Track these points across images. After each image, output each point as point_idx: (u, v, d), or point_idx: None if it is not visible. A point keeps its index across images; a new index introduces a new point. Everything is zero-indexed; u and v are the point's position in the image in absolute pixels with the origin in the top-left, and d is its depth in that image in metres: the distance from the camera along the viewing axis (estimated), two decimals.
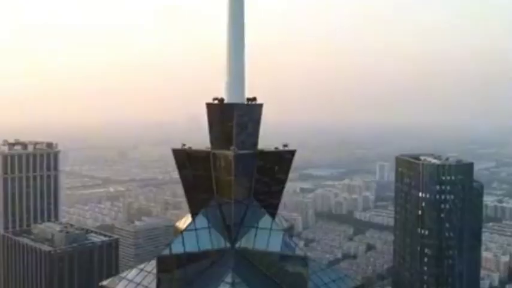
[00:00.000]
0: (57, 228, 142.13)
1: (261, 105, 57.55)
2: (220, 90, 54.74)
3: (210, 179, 55.29)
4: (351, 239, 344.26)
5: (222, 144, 55.18)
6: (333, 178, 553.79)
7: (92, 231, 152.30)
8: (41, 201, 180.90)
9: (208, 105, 56.04)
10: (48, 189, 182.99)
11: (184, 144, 59.55)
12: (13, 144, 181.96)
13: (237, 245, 54.07)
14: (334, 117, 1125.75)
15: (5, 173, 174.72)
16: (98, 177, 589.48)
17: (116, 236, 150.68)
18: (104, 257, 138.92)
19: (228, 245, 54.05)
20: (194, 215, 56.05)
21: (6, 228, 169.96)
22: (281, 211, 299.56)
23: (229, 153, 53.47)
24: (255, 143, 56.98)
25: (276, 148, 58.85)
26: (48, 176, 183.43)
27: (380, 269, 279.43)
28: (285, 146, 59.56)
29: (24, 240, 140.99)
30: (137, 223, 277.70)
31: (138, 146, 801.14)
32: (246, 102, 56.50)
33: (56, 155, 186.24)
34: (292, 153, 58.52)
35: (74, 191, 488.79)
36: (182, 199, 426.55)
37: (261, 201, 56.01)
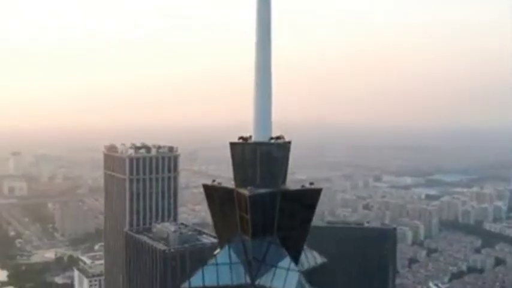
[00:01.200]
0: (172, 228, 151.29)
1: (286, 143, 57.31)
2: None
3: (234, 215, 56.24)
4: (478, 252, 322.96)
5: (245, 182, 55.85)
6: (462, 185, 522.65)
7: (204, 233, 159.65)
8: (162, 201, 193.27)
9: (232, 144, 57.06)
10: (168, 190, 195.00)
11: (214, 180, 61.60)
12: (139, 148, 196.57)
13: (256, 282, 54.45)
14: (461, 120, 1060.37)
15: (131, 174, 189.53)
16: (224, 176, 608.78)
17: None
18: None
19: (249, 281, 54.55)
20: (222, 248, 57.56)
21: (131, 226, 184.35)
22: (403, 218, 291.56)
23: (246, 192, 53.92)
24: (279, 182, 56.58)
25: (303, 186, 58.10)
26: (169, 178, 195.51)
27: (509, 286, 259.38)
28: (311, 184, 58.65)
29: (144, 238, 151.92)
30: None
31: None
32: (270, 141, 56.55)
33: (176, 158, 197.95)
34: (317, 192, 57.16)
35: (200, 189, 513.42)
36: None
37: (285, 239, 55.48)
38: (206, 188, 60.42)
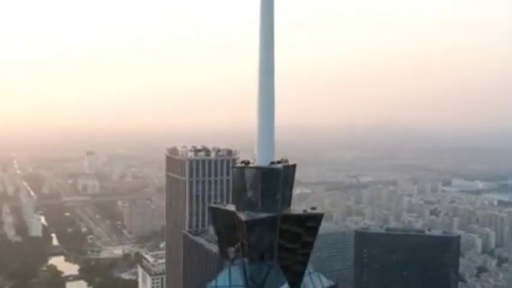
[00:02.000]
0: None
1: (288, 167, 56.20)
2: None
3: (237, 238, 55.96)
4: None
5: (245, 206, 55.45)
6: None
7: None
8: (221, 203, 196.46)
9: (233, 168, 57.26)
10: (227, 192, 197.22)
11: (220, 202, 61.86)
12: (199, 151, 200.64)
13: None
14: None
15: (191, 176, 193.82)
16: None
17: None
18: None
19: None
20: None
21: (190, 227, 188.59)
22: (472, 225, 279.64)
23: (243, 217, 53.48)
24: (280, 206, 55.51)
25: (305, 211, 56.85)
26: (228, 181, 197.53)
27: None
28: (313, 208, 57.47)
29: (200, 240, 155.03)
30: None
31: (332, 149, 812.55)
32: (271, 165, 55.75)
33: (234, 161, 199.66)
34: (319, 217, 55.89)
35: None
36: (364, 206, 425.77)
37: (285, 265, 54.44)
38: (211, 209, 61.45)
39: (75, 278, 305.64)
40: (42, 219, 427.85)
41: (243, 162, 57.40)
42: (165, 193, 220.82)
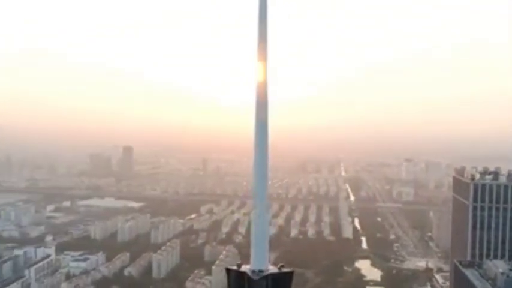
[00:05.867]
0: (501, 268, 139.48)
1: (279, 275, 49.38)
2: None
3: None
4: None
5: None
6: None
7: None
8: (510, 233, 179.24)
9: (226, 269, 54.35)
10: None
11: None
12: (486, 173, 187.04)
13: None
14: None
15: (475, 201, 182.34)
16: None
17: None
18: None
19: None
20: None
21: (473, 256, 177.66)
22: None
23: None
24: None
25: None
26: None
27: None
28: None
29: (468, 273, 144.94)
30: None
31: None
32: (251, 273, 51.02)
33: None
34: None
35: None
36: None
37: None
38: None
39: (375, 283, 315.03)
40: (356, 222, 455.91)
41: (237, 265, 58.66)
42: (451, 215, 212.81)
